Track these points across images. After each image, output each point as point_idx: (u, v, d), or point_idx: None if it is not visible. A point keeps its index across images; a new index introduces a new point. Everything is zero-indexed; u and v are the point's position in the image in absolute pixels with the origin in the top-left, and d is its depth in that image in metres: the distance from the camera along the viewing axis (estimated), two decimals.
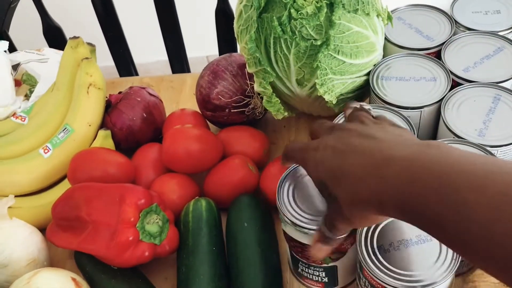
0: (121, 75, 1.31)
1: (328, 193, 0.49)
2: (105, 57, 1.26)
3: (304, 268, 0.62)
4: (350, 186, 0.46)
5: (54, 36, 1.16)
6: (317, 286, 0.63)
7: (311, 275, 0.62)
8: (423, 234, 0.54)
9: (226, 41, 1.17)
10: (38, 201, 0.78)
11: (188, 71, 1.32)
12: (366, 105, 0.61)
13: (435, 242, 0.54)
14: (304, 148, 0.54)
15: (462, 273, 0.63)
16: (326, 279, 0.62)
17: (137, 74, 1.33)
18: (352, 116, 0.56)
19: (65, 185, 0.78)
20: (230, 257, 0.67)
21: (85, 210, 0.66)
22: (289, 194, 0.59)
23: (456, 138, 0.62)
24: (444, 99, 0.66)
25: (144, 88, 0.86)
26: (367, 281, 0.55)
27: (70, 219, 0.69)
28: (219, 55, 1.19)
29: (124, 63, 1.28)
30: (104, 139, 0.80)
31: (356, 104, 0.60)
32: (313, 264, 0.60)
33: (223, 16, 1.11)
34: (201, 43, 1.53)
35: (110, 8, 1.18)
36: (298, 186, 0.60)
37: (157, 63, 1.76)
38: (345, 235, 0.52)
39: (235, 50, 1.18)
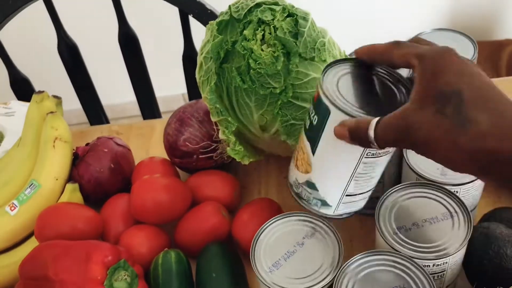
0: (90, 121, 1.30)
1: (456, 108, 0.42)
2: (76, 101, 1.26)
3: None
4: (495, 113, 0.41)
5: (22, 88, 1.16)
6: None
7: None
8: (400, 285, 0.54)
9: (195, 85, 1.18)
10: (5, 260, 0.76)
11: (159, 114, 1.32)
12: None
13: None
14: (444, 49, 0.46)
15: None
16: None
17: (107, 120, 1.33)
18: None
19: (33, 242, 0.76)
20: None
21: (52, 269, 0.65)
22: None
23: (420, 178, 0.63)
24: None
25: (111, 138, 0.85)
26: None
27: (38, 278, 0.67)
28: (189, 97, 1.20)
29: (93, 109, 1.28)
30: (72, 193, 0.79)
31: None
32: None
33: (190, 62, 1.12)
34: (176, 81, 1.54)
35: (77, 56, 1.19)
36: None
37: (132, 103, 1.77)
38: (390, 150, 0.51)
39: None
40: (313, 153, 0.55)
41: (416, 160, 0.65)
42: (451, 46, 0.79)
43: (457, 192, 0.61)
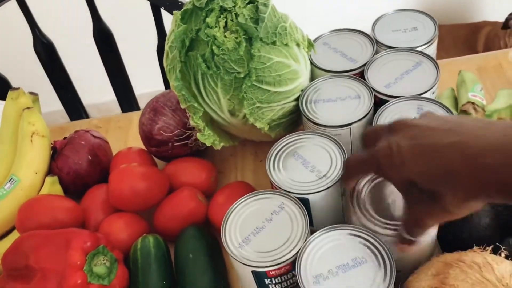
0: (71, 118, 1.32)
1: (421, 192, 0.49)
2: (57, 102, 1.27)
3: None
4: (456, 182, 0.46)
5: (0, 88, 1.17)
6: None
7: None
8: (359, 256, 0.56)
9: None
10: None
11: (138, 109, 1.34)
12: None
13: (370, 264, 0.56)
14: (372, 156, 0.53)
15: None
16: None
17: (87, 116, 1.34)
18: (400, 122, 0.53)
19: (15, 236, 0.78)
20: None
21: (33, 258, 0.67)
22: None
23: None
24: (374, 117, 0.70)
25: (88, 131, 0.87)
26: None
27: (20, 268, 0.69)
28: (165, 89, 1.22)
29: (74, 107, 1.29)
30: (52, 186, 0.81)
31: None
32: None
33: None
34: (157, 77, 1.55)
35: (54, 54, 1.20)
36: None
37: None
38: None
39: None
40: None
41: None
42: (413, 26, 0.82)
43: None
